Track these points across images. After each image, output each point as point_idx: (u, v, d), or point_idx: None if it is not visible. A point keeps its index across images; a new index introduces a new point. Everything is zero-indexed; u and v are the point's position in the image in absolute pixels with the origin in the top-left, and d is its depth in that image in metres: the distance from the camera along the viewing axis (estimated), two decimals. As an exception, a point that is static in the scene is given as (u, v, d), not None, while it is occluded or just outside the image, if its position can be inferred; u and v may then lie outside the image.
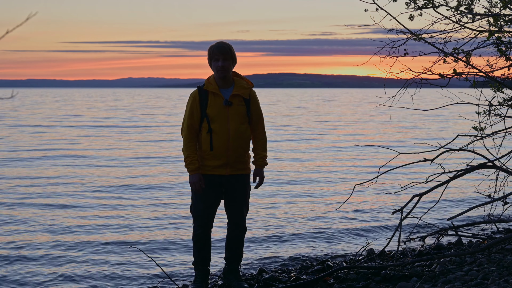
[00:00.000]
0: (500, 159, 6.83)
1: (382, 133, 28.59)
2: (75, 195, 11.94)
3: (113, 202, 11.26)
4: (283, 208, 10.70)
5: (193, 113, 5.64)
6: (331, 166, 16.66)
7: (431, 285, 5.68)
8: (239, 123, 5.65)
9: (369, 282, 5.97)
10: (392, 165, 6.97)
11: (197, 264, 5.88)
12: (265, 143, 5.85)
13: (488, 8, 6.50)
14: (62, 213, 10.22)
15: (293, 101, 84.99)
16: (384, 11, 6.18)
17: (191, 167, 5.62)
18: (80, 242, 8.32)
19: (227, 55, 5.62)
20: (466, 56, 6.41)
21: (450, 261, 6.49)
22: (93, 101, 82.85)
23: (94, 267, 7.25)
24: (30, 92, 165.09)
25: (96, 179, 13.94)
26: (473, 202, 10.77)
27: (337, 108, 61.28)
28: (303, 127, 33.03)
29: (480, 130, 6.74)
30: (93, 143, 23.23)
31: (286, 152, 20.19)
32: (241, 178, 5.74)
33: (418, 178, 9.06)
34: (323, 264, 6.92)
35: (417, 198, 6.64)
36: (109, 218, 9.80)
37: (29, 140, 23.86)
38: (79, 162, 17.22)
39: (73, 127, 31.41)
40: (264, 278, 6.27)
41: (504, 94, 6.70)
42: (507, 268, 5.89)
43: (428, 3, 6.33)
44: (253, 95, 5.77)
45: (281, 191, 12.52)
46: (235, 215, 5.81)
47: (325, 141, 24.60)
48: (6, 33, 2.63)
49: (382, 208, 10.64)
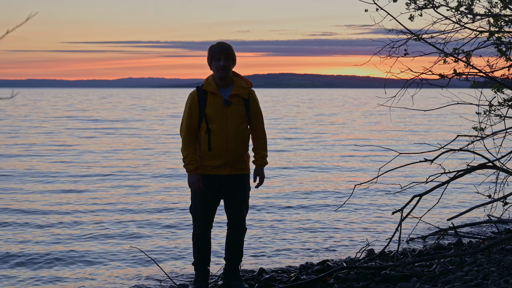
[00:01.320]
0: (500, 160, 6.83)
1: (382, 133, 28.58)
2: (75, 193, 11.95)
3: (113, 202, 11.25)
4: (283, 208, 10.70)
5: (192, 113, 5.64)
6: (331, 166, 16.66)
7: (431, 285, 5.68)
8: (238, 123, 5.65)
9: (369, 282, 5.97)
10: (392, 165, 6.97)
11: (197, 264, 5.88)
12: (265, 142, 5.85)
13: (488, 9, 6.50)
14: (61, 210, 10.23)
15: (292, 101, 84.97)
16: (384, 11, 6.18)
17: (189, 167, 5.62)
18: (80, 241, 8.32)
19: (228, 55, 5.63)
20: (466, 57, 6.40)
21: (450, 261, 6.49)
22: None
23: (93, 267, 7.25)
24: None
25: (96, 178, 13.95)
26: (473, 203, 10.76)
27: (337, 108, 61.28)
28: (303, 127, 33.03)
29: (480, 131, 6.74)
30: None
31: (286, 152, 20.19)
32: (240, 178, 5.74)
33: (418, 178, 9.06)
34: (323, 264, 6.92)
35: (417, 198, 6.63)
36: (109, 218, 9.80)
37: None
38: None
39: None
40: (264, 278, 6.27)
41: (504, 94, 6.70)
42: (507, 268, 5.89)
43: (428, 4, 6.33)
44: (252, 94, 5.77)
45: (281, 191, 12.51)
46: (235, 215, 5.80)
47: (325, 141, 24.59)
48: (6, 33, 2.63)
49: (382, 208, 10.64)
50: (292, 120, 39.12)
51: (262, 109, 5.85)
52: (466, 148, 6.75)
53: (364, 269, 6.24)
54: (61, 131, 28.98)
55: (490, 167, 6.65)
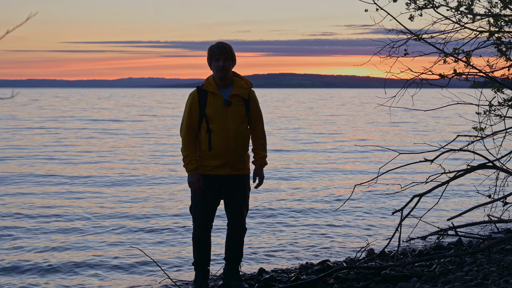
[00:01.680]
0: (500, 160, 6.82)
1: (382, 133, 28.58)
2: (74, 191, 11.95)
3: (112, 202, 11.26)
4: (283, 208, 10.70)
5: (192, 113, 5.65)
6: (331, 166, 16.66)
7: (431, 285, 5.68)
8: (238, 123, 5.65)
9: (369, 282, 5.97)
10: (392, 165, 6.96)
11: (197, 264, 5.88)
12: (265, 143, 5.85)
13: (488, 9, 6.50)
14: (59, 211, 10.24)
15: (291, 101, 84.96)
16: (384, 11, 6.18)
17: (189, 167, 5.62)
18: (80, 242, 8.32)
19: (228, 55, 5.64)
20: (466, 57, 6.40)
21: (450, 261, 6.49)
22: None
23: (93, 267, 7.25)
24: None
25: (97, 176, 13.95)
26: (473, 203, 10.75)
27: (336, 108, 61.27)
28: (302, 126, 33.02)
29: (480, 131, 6.74)
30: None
31: (286, 152, 20.18)
32: (240, 178, 5.74)
33: (418, 178, 9.05)
34: (323, 264, 6.92)
35: (417, 198, 6.63)
36: (108, 218, 9.80)
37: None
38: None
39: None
40: (264, 278, 6.27)
41: (504, 94, 6.70)
42: (507, 268, 5.89)
43: (428, 4, 6.32)
44: (252, 95, 5.78)
45: (280, 191, 12.52)
46: (235, 215, 5.81)
47: (325, 141, 24.59)
48: (6, 33, 2.63)
49: (382, 208, 10.64)
50: (293, 120, 39.12)
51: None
52: (466, 148, 6.75)
53: (364, 269, 6.24)
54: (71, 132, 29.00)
55: (490, 167, 6.65)
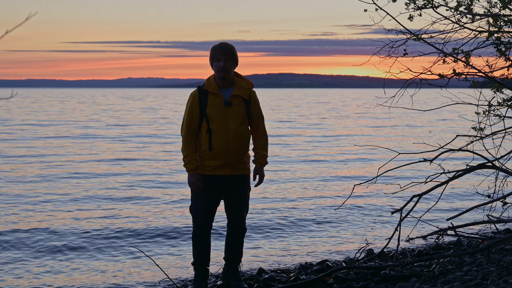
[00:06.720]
0: (500, 160, 6.83)
1: (382, 133, 28.58)
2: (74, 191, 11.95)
3: (112, 201, 11.25)
4: (282, 208, 10.70)
5: (193, 113, 5.65)
6: (330, 166, 16.66)
7: (430, 285, 5.68)
8: (239, 123, 5.65)
9: (368, 282, 5.97)
10: (392, 165, 6.97)
11: (196, 264, 5.88)
12: (266, 143, 5.85)
13: (487, 9, 6.50)
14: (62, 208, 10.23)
15: (291, 101, 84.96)
16: (383, 11, 6.19)
17: (189, 167, 5.62)
18: (80, 242, 8.32)
19: (229, 55, 5.63)
20: (466, 57, 6.40)
21: (450, 261, 6.50)
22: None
23: (92, 267, 7.25)
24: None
25: (98, 176, 13.95)
26: (473, 203, 10.76)
27: (336, 108, 61.28)
28: (303, 127, 33.02)
29: (479, 131, 6.74)
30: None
31: (286, 152, 20.19)
32: (240, 179, 5.74)
33: (417, 178, 9.06)
34: (323, 264, 6.92)
35: (417, 198, 6.63)
36: (108, 218, 9.80)
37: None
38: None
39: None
40: (263, 278, 6.27)
41: (503, 94, 6.70)
42: (507, 268, 5.89)
43: (427, 4, 6.33)
44: (253, 95, 5.78)
45: (280, 191, 12.52)
46: (235, 216, 5.81)
47: (325, 141, 24.59)
48: (6, 33, 2.64)
49: (381, 208, 10.64)
50: (293, 120, 39.12)
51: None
52: (465, 148, 6.75)
53: (363, 269, 6.24)
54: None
55: (489, 167, 6.66)
